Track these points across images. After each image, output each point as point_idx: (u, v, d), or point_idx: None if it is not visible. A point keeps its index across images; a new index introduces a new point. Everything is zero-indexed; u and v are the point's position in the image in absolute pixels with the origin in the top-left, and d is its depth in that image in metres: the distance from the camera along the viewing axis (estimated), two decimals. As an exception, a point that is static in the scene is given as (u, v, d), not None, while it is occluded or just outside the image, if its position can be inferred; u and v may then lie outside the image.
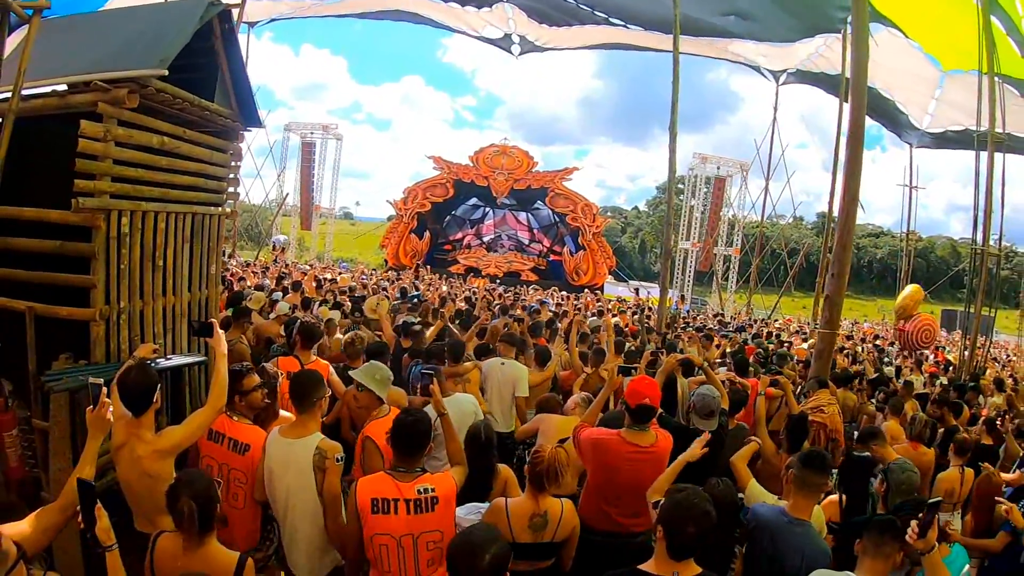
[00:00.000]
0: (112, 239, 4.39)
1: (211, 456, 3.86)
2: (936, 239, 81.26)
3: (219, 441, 3.85)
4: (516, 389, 6.56)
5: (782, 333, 18.92)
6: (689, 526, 2.72)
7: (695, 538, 2.73)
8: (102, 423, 2.94)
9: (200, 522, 2.83)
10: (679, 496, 2.83)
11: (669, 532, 2.77)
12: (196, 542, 2.87)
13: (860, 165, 8.06)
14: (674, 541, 2.76)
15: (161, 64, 4.34)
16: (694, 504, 2.76)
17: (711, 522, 2.75)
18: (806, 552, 3.39)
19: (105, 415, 2.93)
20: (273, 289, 12.41)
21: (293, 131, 38.95)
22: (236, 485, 3.83)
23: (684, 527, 2.73)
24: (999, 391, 10.95)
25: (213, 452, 3.85)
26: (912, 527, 2.96)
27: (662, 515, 2.82)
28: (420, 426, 3.41)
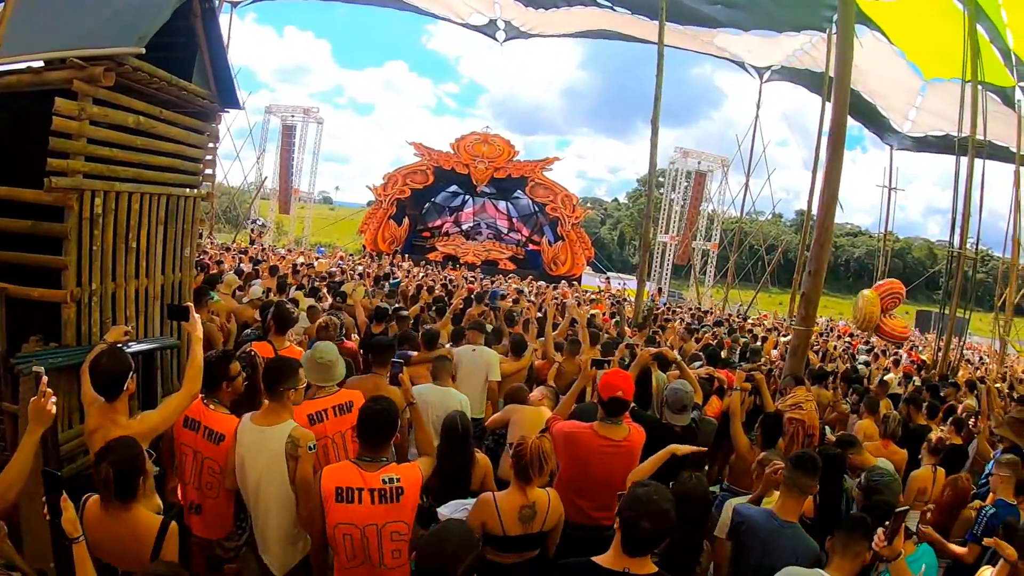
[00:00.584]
0: (85, 220, 4.30)
1: (185, 443, 3.85)
2: (913, 240, 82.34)
3: (195, 429, 3.83)
4: (489, 374, 6.63)
5: (755, 328, 19.03)
6: (644, 521, 2.72)
7: (650, 534, 2.73)
8: (43, 414, 2.89)
9: (117, 488, 2.86)
10: (639, 491, 2.83)
11: (625, 526, 2.78)
12: (117, 507, 2.90)
13: (841, 165, 8.10)
14: (629, 536, 2.77)
15: (139, 42, 4.26)
16: (653, 500, 2.76)
17: (669, 520, 2.75)
18: (799, 554, 3.41)
19: (46, 405, 2.87)
20: (248, 274, 12.32)
21: (274, 113, 38.63)
22: (209, 474, 3.82)
23: (639, 522, 2.73)
24: (971, 392, 11.07)
25: (188, 439, 3.84)
26: (879, 534, 2.98)
27: (620, 508, 2.83)
28: (386, 415, 3.39)
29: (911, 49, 20.91)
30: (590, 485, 4.16)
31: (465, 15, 29.28)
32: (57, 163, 4.12)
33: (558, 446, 4.21)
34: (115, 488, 2.87)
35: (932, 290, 27.53)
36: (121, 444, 3.00)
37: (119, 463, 2.88)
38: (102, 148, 4.41)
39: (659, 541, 2.79)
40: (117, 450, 2.94)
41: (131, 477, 2.91)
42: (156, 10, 4.58)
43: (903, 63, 21.84)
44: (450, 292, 14.04)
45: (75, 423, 4.31)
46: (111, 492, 2.87)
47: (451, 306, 9.35)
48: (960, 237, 15.33)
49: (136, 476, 2.93)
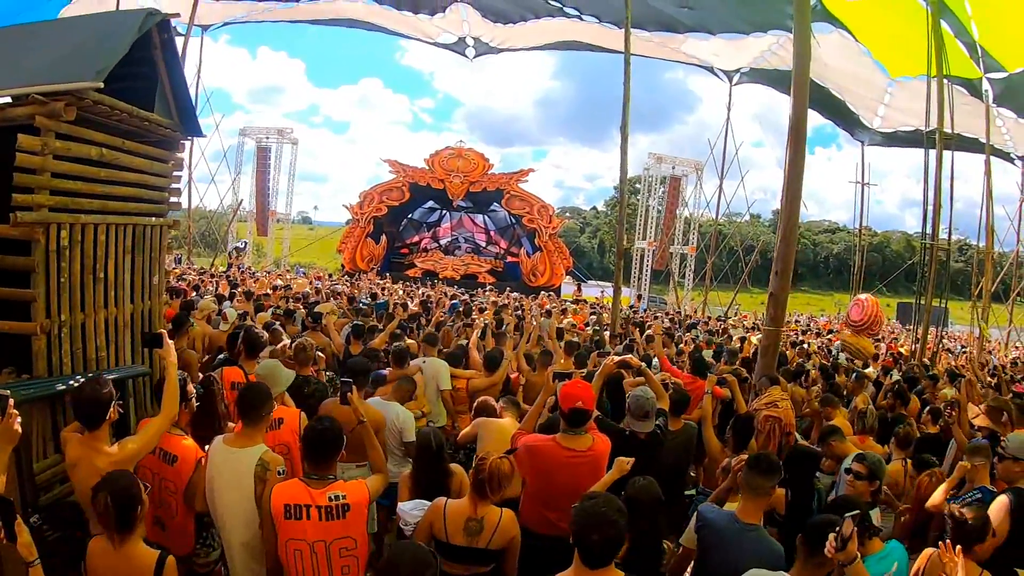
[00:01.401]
0: (52, 252, 4.37)
1: (145, 465, 3.89)
2: (891, 234, 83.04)
3: (152, 452, 3.87)
4: (440, 383, 6.84)
5: (733, 329, 19.15)
6: (594, 534, 2.80)
7: (601, 546, 2.81)
8: (9, 434, 2.92)
9: (118, 519, 2.94)
10: (587, 504, 2.91)
11: (576, 539, 2.86)
12: (118, 539, 2.97)
13: (802, 163, 8.15)
14: (582, 550, 2.85)
15: (98, 76, 4.32)
16: (600, 512, 2.84)
17: (616, 530, 2.82)
18: (763, 556, 3.42)
19: (12, 425, 2.91)
20: (220, 295, 12.34)
21: (248, 136, 38.54)
22: (167, 494, 3.90)
23: (589, 535, 2.81)
24: (951, 383, 11.09)
25: (146, 461, 3.89)
26: (830, 540, 2.99)
27: (571, 523, 2.90)
28: (329, 433, 3.48)
29: (876, 47, 21.13)
30: (556, 496, 4.16)
31: (434, 35, 29.43)
32: (22, 198, 4.19)
33: (522, 460, 4.24)
34: (116, 520, 2.94)
35: (912, 282, 27.87)
36: (115, 476, 3.08)
37: (116, 493, 2.95)
38: (66, 181, 4.48)
39: (613, 551, 2.85)
40: (113, 482, 3.01)
41: (130, 508, 2.98)
42: (114, 44, 4.65)
43: (869, 62, 22.06)
44: (428, 308, 14.09)
45: (50, 453, 4.36)
46: (112, 521, 2.94)
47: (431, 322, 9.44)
48: (933, 229, 15.52)
49: (134, 504, 3.00)
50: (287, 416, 4.64)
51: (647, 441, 4.87)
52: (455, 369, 7.02)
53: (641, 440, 4.84)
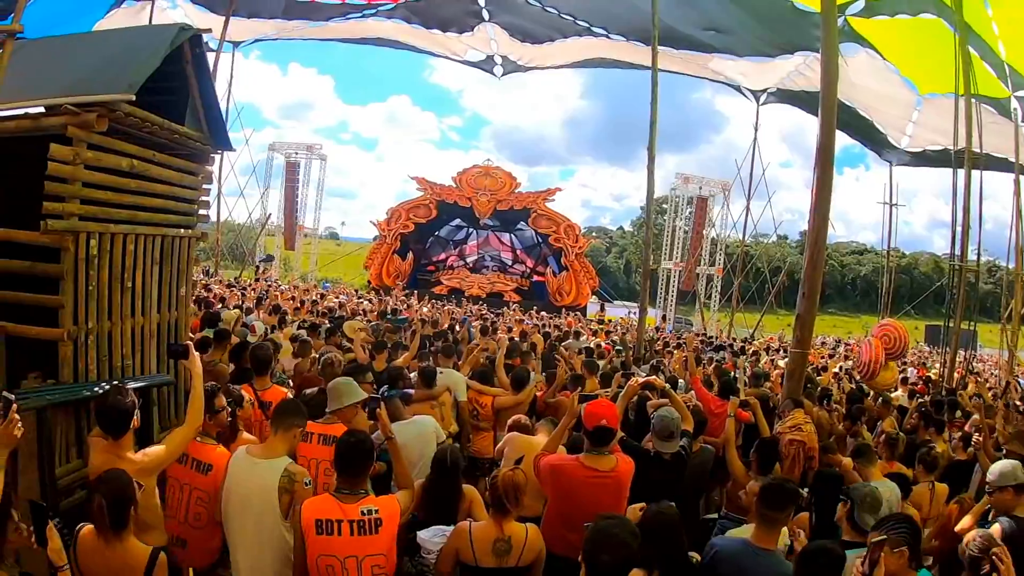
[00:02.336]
0: (81, 260, 4.42)
1: (175, 476, 3.93)
2: (919, 255, 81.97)
3: (183, 461, 3.91)
4: (457, 395, 6.85)
5: (761, 353, 18.98)
6: (603, 554, 2.81)
7: (609, 567, 2.81)
8: (7, 439, 2.92)
9: (111, 517, 2.96)
10: (600, 524, 2.93)
11: (586, 559, 2.87)
12: (111, 536, 2.99)
13: (830, 186, 8.08)
14: (591, 570, 2.85)
15: (130, 89, 4.40)
16: (613, 534, 2.86)
17: (626, 552, 2.82)
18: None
19: (12, 431, 2.92)
20: (252, 310, 12.43)
21: (278, 151, 38.96)
22: (198, 504, 3.91)
23: (598, 554, 2.82)
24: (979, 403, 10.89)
25: (177, 472, 3.92)
26: (857, 566, 2.94)
27: (584, 542, 2.91)
28: (362, 447, 3.46)
29: (904, 65, 20.97)
30: (578, 517, 4.04)
31: (462, 52, 29.57)
32: (53, 206, 4.25)
33: (545, 480, 4.25)
34: (110, 515, 2.96)
35: (940, 304, 27.49)
36: (110, 476, 3.10)
37: (110, 493, 2.98)
38: (97, 191, 4.54)
39: (621, 571, 2.85)
40: (108, 481, 3.04)
41: (122, 506, 2.99)
42: (148, 57, 4.73)
43: (897, 79, 21.85)
44: (454, 327, 14.11)
45: (73, 458, 4.40)
46: (105, 519, 2.96)
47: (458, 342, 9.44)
48: (962, 250, 15.33)
49: (127, 506, 3.02)
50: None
51: (672, 462, 4.83)
52: (481, 386, 6.99)
53: (666, 461, 4.81)
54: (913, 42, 18.68)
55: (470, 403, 6.89)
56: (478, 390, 6.93)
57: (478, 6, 24.30)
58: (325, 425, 4.53)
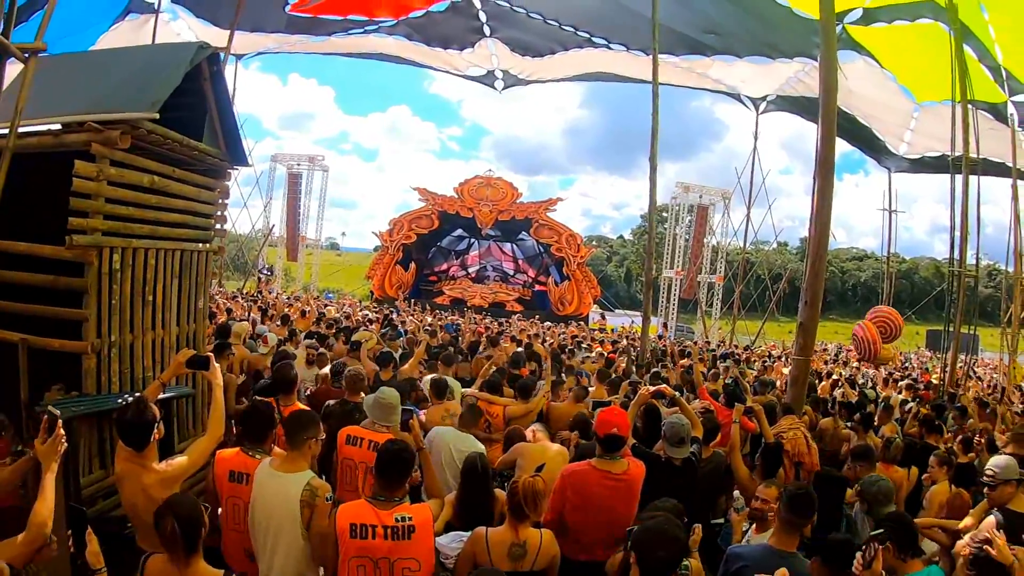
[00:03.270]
0: (104, 274, 4.52)
1: (237, 496, 3.94)
2: (920, 260, 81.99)
3: (243, 481, 3.94)
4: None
5: (760, 359, 19.04)
6: (660, 551, 2.89)
7: (665, 563, 2.89)
8: (55, 453, 3.02)
9: (185, 542, 2.98)
10: (651, 523, 3.03)
11: (641, 557, 2.93)
12: (183, 562, 3.00)
13: (831, 195, 8.20)
14: (646, 567, 2.91)
15: (153, 107, 4.50)
16: (665, 530, 2.96)
17: (680, 547, 2.96)
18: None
19: (58, 446, 3.01)
20: (255, 320, 12.53)
21: (280, 162, 39.01)
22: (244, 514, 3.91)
23: (655, 552, 2.89)
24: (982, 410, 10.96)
25: (240, 492, 3.93)
26: (857, 559, 3.06)
27: (635, 541, 2.98)
28: (402, 455, 3.55)
29: (902, 73, 21.08)
30: (592, 520, 4.26)
31: (463, 68, 29.62)
32: (77, 222, 4.36)
33: (564, 487, 4.34)
34: (184, 540, 2.98)
35: (941, 309, 27.59)
36: (179, 499, 3.15)
37: (182, 517, 3.00)
38: (119, 207, 4.65)
39: (673, 568, 2.95)
40: (178, 505, 3.07)
41: (195, 530, 3.03)
42: (168, 75, 4.83)
43: (895, 87, 21.94)
44: (458, 338, 14.19)
45: (95, 468, 4.49)
46: (179, 544, 2.98)
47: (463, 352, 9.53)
48: (961, 254, 15.40)
49: (199, 527, 3.05)
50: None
51: (682, 468, 4.93)
52: (492, 396, 7.07)
53: (676, 467, 4.90)
54: (910, 49, 18.80)
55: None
56: (488, 400, 6.99)
57: (480, 21, 24.39)
58: (375, 433, 4.70)
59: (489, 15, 23.92)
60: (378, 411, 4.94)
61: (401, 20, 23.97)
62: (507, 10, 23.19)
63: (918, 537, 3.81)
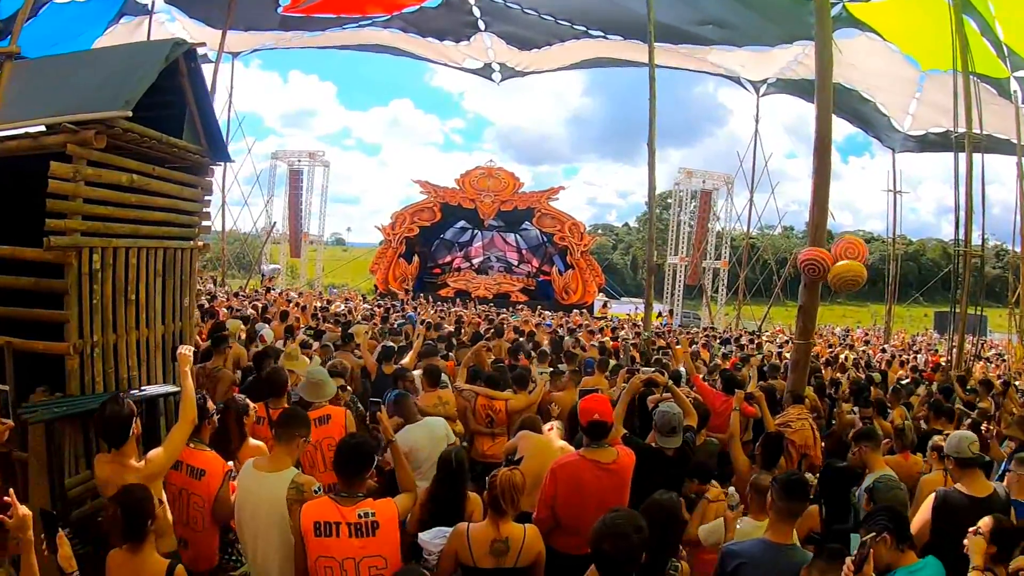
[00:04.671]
0: (84, 275, 4.49)
1: (172, 482, 4.00)
2: (927, 242, 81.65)
3: (178, 468, 3.99)
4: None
5: (768, 344, 18.98)
6: (605, 544, 2.89)
7: (612, 555, 2.88)
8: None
9: (125, 529, 3.05)
10: (608, 516, 2.99)
11: (592, 548, 2.96)
12: (129, 548, 3.09)
13: (828, 176, 8.09)
14: (596, 560, 2.96)
15: (127, 106, 4.46)
16: (616, 524, 2.93)
17: (629, 544, 2.88)
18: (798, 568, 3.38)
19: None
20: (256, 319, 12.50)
21: (280, 159, 39.14)
22: (195, 509, 4.01)
23: (601, 543, 2.90)
24: (986, 393, 10.86)
25: (173, 478, 4.00)
26: (847, 564, 2.99)
27: (591, 531, 2.98)
28: (361, 449, 3.54)
29: (904, 43, 20.89)
30: (586, 511, 4.14)
31: (460, 60, 29.65)
32: (55, 223, 4.32)
33: (555, 480, 4.30)
34: (125, 527, 3.04)
35: (948, 290, 27.39)
36: (128, 490, 3.18)
37: (125, 505, 3.07)
38: (98, 207, 4.60)
39: (623, 563, 2.91)
40: (124, 495, 3.12)
41: (138, 519, 3.07)
42: (142, 73, 4.78)
43: (899, 57, 21.77)
44: (459, 329, 14.18)
45: (82, 469, 4.46)
46: (119, 530, 3.05)
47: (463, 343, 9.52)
48: (966, 234, 15.28)
49: (144, 519, 3.10)
50: (334, 413, 5.08)
51: (675, 458, 4.87)
52: (493, 391, 7.02)
53: (669, 457, 4.85)
54: (912, 21, 18.63)
55: (483, 410, 6.91)
56: (490, 396, 6.95)
57: (474, 16, 24.40)
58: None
59: (483, 10, 23.92)
60: (308, 390, 5.21)
61: (395, 15, 23.93)
62: (501, 5, 23.16)
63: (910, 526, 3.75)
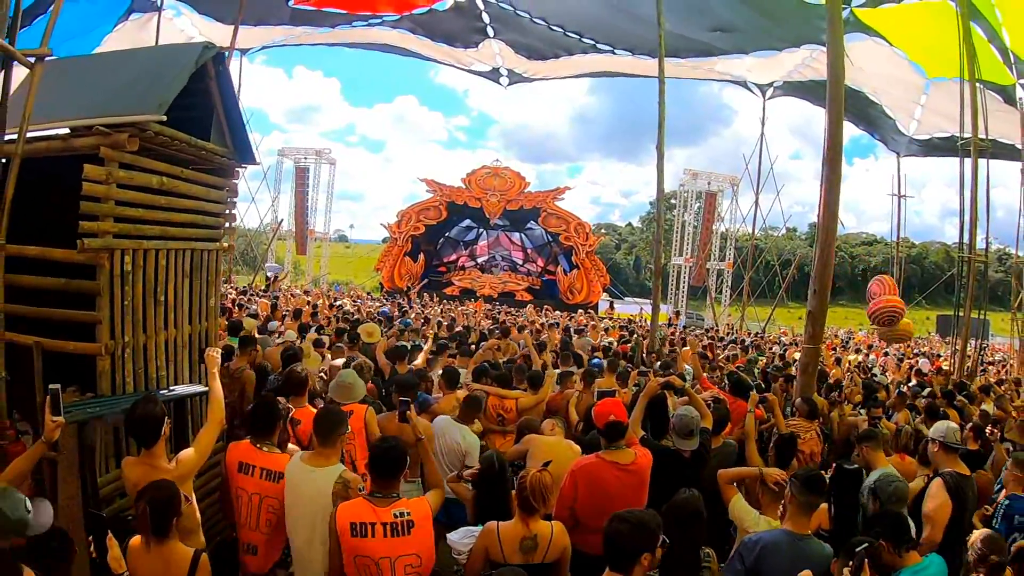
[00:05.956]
0: (115, 276, 4.54)
1: (242, 488, 4.07)
2: (930, 245, 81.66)
3: (250, 472, 4.06)
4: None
5: (773, 346, 19.04)
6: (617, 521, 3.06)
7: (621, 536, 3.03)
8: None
9: (153, 524, 3.12)
10: (621, 512, 3.13)
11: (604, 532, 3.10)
12: (154, 541, 3.15)
13: (839, 184, 8.13)
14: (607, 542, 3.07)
15: (159, 109, 4.51)
16: (624, 519, 3.06)
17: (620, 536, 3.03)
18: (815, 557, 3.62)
19: None
20: (268, 317, 12.58)
21: (287, 156, 39.20)
22: (270, 512, 4.07)
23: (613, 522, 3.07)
24: (986, 396, 10.96)
25: (245, 484, 4.06)
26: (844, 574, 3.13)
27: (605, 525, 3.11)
28: (395, 452, 3.61)
29: (912, 51, 20.92)
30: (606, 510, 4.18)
31: (467, 63, 29.63)
32: (88, 225, 4.37)
33: (578, 482, 4.39)
34: (152, 525, 3.12)
35: (952, 294, 27.28)
36: (157, 485, 3.26)
37: (153, 501, 3.14)
38: (129, 209, 4.65)
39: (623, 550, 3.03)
40: (153, 490, 3.20)
41: (166, 515, 3.15)
42: (174, 76, 4.84)
43: (905, 63, 21.76)
44: (468, 327, 14.25)
45: (112, 468, 4.53)
46: (147, 525, 3.12)
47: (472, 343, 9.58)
48: (970, 238, 15.31)
49: (171, 515, 3.17)
50: (356, 409, 5.22)
51: (691, 460, 4.95)
52: (503, 390, 7.09)
53: (685, 459, 4.93)
54: (919, 28, 18.68)
55: (493, 409, 6.96)
56: (500, 395, 7.02)
57: (483, 23, 24.40)
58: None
59: (492, 17, 23.89)
60: (339, 391, 5.35)
61: (404, 16, 23.93)
62: (510, 13, 23.16)
63: (910, 528, 3.86)
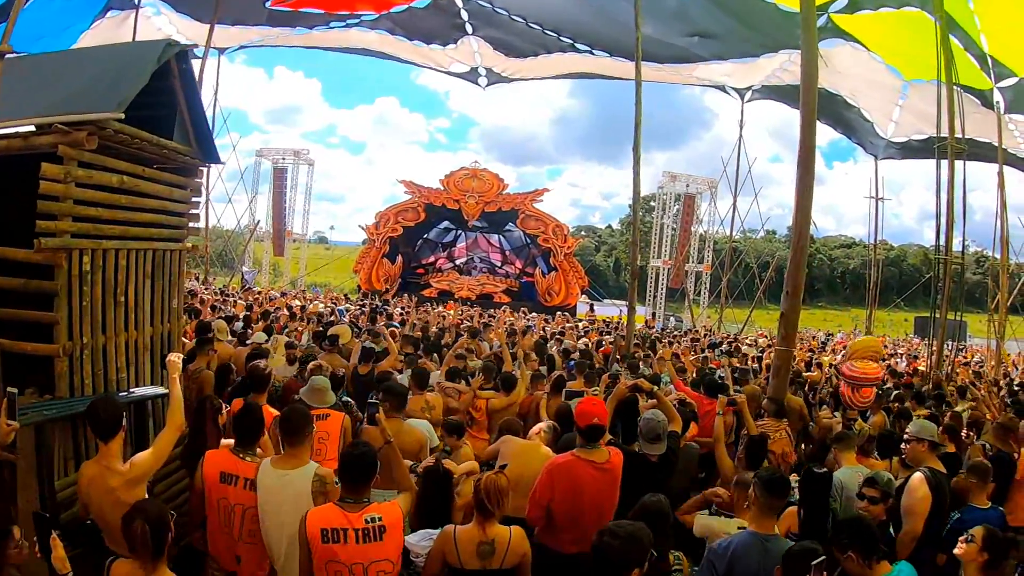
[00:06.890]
0: (74, 276, 4.48)
1: (225, 497, 3.97)
2: (908, 247, 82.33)
3: (233, 483, 3.97)
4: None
5: (748, 348, 19.10)
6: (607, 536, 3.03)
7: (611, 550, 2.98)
8: None
9: (153, 545, 3.00)
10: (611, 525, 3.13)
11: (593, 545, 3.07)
12: (150, 566, 3.02)
13: (811, 187, 8.16)
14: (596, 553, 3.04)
15: (119, 107, 4.45)
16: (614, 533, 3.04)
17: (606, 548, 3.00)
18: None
19: None
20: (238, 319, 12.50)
21: (264, 157, 38.98)
22: (252, 522, 3.96)
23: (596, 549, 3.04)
24: (962, 399, 11.04)
25: (228, 494, 3.96)
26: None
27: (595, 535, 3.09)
28: (366, 459, 3.56)
29: (889, 56, 21.08)
30: (581, 508, 4.34)
31: (446, 64, 29.54)
32: (45, 224, 4.31)
33: (546, 480, 4.38)
34: (153, 544, 3.00)
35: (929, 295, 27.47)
36: (147, 504, 3.19)
37: (150, 520, 3.02)
38: (89, 208, 4.59)
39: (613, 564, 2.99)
40: (146, 509, 3.09)
41: (162, 532, 3.05)
42: (135, 74, 4.78)
43: (882, 67, 21.96)
44: (442, 329, 14.17)
45: (71, 471, 4.46)
46: (148, 548, 3.00)
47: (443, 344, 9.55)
48: (947, 241, 15.40)
49: (166, 531, 3.08)
50: (333, 413, 5.44)
51: (658, 464, 4.95)
52: (479, 390, 7.07)
53: (652, 463, 4.92)
54: (896, 35, 18.80)
55: (467, 408, 6.94)
56: (474, 393, 7.01)
57: (461, 20, 24.29)
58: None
59: (471, 13, 23.80)
60: (311, 395, 5.47)
61: (383, 14, 23.84)
62: (489, 10, 23.09)
63: (879, 538, 3.84)
